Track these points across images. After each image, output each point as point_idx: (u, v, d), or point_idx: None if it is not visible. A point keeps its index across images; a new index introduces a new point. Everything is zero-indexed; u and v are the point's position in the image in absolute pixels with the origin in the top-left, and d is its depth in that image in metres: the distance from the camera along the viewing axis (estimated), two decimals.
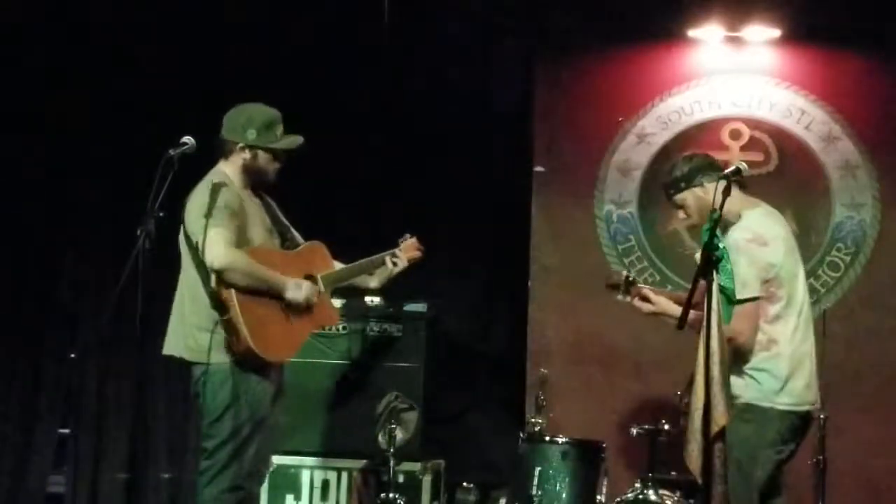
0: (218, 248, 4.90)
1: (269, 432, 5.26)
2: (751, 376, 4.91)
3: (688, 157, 5.18)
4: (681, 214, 5.14)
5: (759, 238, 4.91)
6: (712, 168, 5.05)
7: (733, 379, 4.84)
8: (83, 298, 7.08)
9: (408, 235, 5.64)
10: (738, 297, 4.85)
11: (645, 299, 5.14)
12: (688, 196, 5.05)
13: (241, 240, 5.07)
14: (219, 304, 4.98)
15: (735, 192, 4.81)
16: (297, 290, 5.14)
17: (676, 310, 4.94)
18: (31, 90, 7.00)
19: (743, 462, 4.83)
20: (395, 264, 5.54)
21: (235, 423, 5.05)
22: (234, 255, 4.98)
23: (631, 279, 5.23)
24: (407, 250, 5.60)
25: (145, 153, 4.89)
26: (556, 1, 7.14)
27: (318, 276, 5.30)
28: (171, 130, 4.91)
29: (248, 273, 5.01)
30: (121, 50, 7.06)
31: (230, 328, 4.98)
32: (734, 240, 4.90)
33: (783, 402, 4.90)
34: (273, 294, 5.10)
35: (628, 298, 5.19)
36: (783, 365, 4.92)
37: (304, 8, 7.06)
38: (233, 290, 4.98)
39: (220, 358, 5.04)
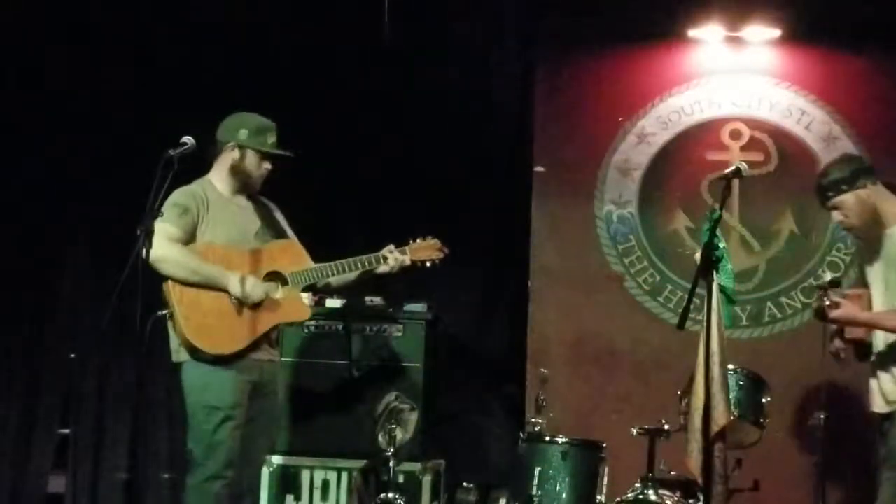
0: (153, 242, 4.82)
1: (254, 426, 5.33)
2: None
3: (846, 158, 5.11)
4: (837, 216, 5.04)
5: None
6: (873, 170, 5.04)
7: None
8: (83, 298, 7.08)
9: (430, 237, 5.65)
10: None
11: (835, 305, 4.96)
12: (849, 198, 4.97)
13: (192, 236, 5.23)
14: (164, 299, 5.17)
15: (889, 193, 4.96)
16: (238, 285, 5.21)
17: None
18: (32, 88, 7.01)
19: None
20: (385, 259, 5.52)
21: (203, 415, 5.20)
22: (168, 248, 5.09)
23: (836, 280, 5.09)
24: (417, 251, 5.59)
25: (146, 152, 4.88)
26: (556, 1, 7.13)
27: (287, 274, 5.36)
28: (172, 129, 4.91)
29: (183, 266, 5.15)
30: (123, 48, 7.07)
31: (173, 321, 5.17)
32: None
33: None
34: (219, 288, 5.20)
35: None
36: None
37: (305, 8, 7.06)
38: (171, 283, 5.14)
39: (185, 357, 5.21)
